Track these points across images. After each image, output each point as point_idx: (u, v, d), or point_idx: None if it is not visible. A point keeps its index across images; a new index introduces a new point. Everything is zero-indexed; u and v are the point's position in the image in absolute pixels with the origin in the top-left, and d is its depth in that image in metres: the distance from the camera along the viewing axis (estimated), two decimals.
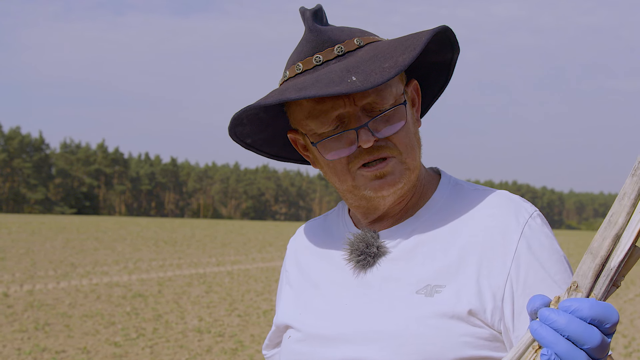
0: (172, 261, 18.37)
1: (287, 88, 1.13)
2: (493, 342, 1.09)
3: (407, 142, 1.15)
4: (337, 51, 1.12)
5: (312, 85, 1.07)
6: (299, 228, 1.45)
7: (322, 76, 1.08)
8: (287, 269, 1.40)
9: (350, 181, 1.17)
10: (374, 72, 1.05)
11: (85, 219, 56.20)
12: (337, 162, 1.16)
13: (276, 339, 1.39)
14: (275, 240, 30.52)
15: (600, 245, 0.87)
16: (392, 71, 1.03)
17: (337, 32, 1.15)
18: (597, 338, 0.83)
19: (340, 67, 1.09)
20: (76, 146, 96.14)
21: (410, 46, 1.08)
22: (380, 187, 1.15)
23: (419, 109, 1.24)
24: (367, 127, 1.11)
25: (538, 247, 1.11)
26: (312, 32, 1.14)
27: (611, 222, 0.87)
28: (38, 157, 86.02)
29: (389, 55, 1.07)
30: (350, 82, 1.03)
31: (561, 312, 0.84)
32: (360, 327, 1.15)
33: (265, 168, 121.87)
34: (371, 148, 1.13)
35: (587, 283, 0.86)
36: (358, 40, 1.14)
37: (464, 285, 1.10)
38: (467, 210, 1.19)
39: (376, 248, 1.20)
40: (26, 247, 20.70)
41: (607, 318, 0.84)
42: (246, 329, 9.04)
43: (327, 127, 1.14)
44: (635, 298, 13.82)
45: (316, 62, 1.13)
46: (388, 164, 1.14)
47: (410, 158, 1.16)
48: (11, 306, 10.07)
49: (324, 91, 1.03)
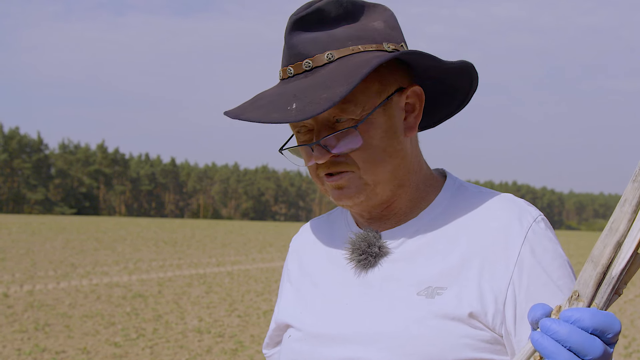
0: (172, 261, 18.37)
1: (260, 98, 1.16)
2: (494, 345, 1.09)
3: (367, 158, 1.13)
4: (305, 66, 1.13)
5: (265, 106, 1.11)
6: (302, 226, 1.45)
7: (276, 97, 1.12)
8: (288, 267, 1.40)
9: (320, 184, 1.20)
10: (312, 102, 1.05)
11: (85, 219, 56.20)
12: (309, 166, 1.19)
13: (276, 338, 1.38)
14: (275, 241, 30.48)
15: (601, 253, 0.85)
16: (325, 105, 1.04)
17: (310, 45, 1.13)
18: (599, 349, 0.82)
19: (293, 89, 1.11)
20: (75, 146, 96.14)
21: (353, 76, 1.06)
22: (339, 197, 1.17)
23: (418, 116, 1.21)
24: (319, 145, 1.13)
25: (541, 252, 1.10)
26: (286, 44, 1.16)
27: (612, 229, 0.86)
28: (37, 157, 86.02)
29: (335, 83, 1.07)
30: (289, 111, 1.06)
31: (562, 322, 0.83)
32: (360, 327, 1.15)
33: (265, 168, 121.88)
34: (330, 162, 1.15)
35: (588, 292, 0.85)
36: (329, 54, 1.12)
37: (466, 287, 1.10)
38: (470, 213, 1.18)
39: (378, 248, 1.19)
40: (26, 248, 20.70)
41: (609, 328, 0.83)
42: (246, 330, 9.04)
43: (298, 130, 1.18)
44: (636, 299, 13.82)
45: (289, 74, 1.15)
46: (343, 177, 1.15)
47: (370, 174, 1.14)
48: (11, 306, 10.07)
49: (265, 118, 1.08)
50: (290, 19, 1.15)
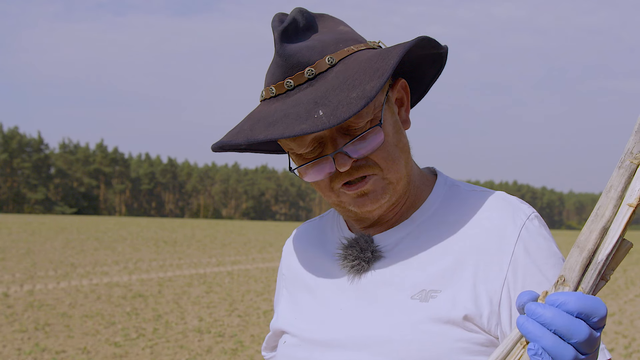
0: (172, 261, 18.37)
1: (259, 120, 1.10)
2: (489, 348, 1.07)
3: (387, 156, 1.12)
4: (307, 75, 1.08)
5: (280, 121, 1.05)
6: (294, 230, 1.44)
7: (291, 110, 1.06)
8: (283, 272, 1.39)
9: (334, 198, 1.16)
10: (341, 104, 1.01)
11: (85, 219, 56.20)
12: (320, 181, 1.15)
13: (273, 343, 1.38)
14: (275, 241, 30.49)
15: (587, 239, 0.86)
16: (360, 103, 1.00)
17: (307, 52, 1.09)
18: (584, 332, 0.82)
19: (309, 97, 1.06)
20: (75, 146, 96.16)
21: (380, 69, 1.04)
22: (363, 204, 1.14)
23: (408, 108, 1.21)
24: (342, 152, 1.09)
25: (535, 250, 1.09)
26: (281, 56, 1.10)
27: (598, 215, 0.86)
28: (37, 157, 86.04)
29: (358, 82, 1.04)
30: (317, 118, 1.01)
31: (547, 306, 0.83)
32: (354, 332, 1.14)
33: (265, 168, 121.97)
34: (351, 168, 1.11)
35: (574, 277, 0.85)
36: (330, 58, 1.09)
37: (460, 290, 1.09)
38: (463, 213, 1.17)
39: (370, 253, 1.18)
40: (26, 247, 20.69)
41: (595, 311, 0.83)
42: (246, 329, 9.04)
43: (306, 149, 1.12)
44: (635, 299, 13.81)
45: (287, 87, 1.10)
46: (368, 182, 1.12)
47: (393, 172, 1.13)
48: (11, 306, 10.07)
49: (290, 131, 1.02)
50: (276, 32, 1.12)
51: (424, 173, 1.27)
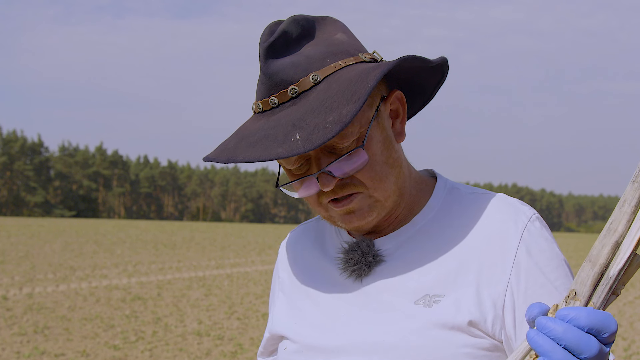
0: (172, 264, 18.36)
1: (242, 138, 1.10)
2: (494, 352, 1.07)
3: (374, 176, 1.10)
4: (290, 93, 1.08)
5: (260, 142, 1.05)
6: (290, 231, 1.42)
7: (270, 131, 1.06)
8: (279, 275, 1.36)
9: (324, 212, 1.16)
10: (317, 128, 1.00)
11: (84, 222, 56.19)
12: (308, 197, 1.15)
13: (270, 347, 1.36)
14: (274, 243, 30.48)
15: (599, 253, 0.85)
16: (335, 128, 0.99)
17: (292, 70, 1.08)
18: (594, 347, 0.82)
19: (289, 119, 1.05)
20: (74, 149, 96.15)
21: (357, 93, 1.03)
22: (350, 220, 1.13)
23: (404, 120, 1.19)
24: (325, 172, 1.08)
25: (538, 252, 1.09)
26: (265, 74, 1.10)
27: (611, 230, 0.86)
28: (37, 160, 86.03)
29: (335, 104, 1.02)
30: (294, 142, 1.01)
31: (558, 320, 0.83)
32: (358, 338, 1.12)
33: (265, 171, 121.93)
34: (336, 187, 1.10)
35: (585, 291, 0.85)
36: (314, 76, 1.07)
37: (464, 294, 1.08)
38: (464, 216, 1.16)
39: (372, 257, 1.17)
40: (25, 250, 20.68)
41: (605, 327, 0.83)
42: (245, 332, 9.03)
43: (292, 165, 1.12)
44: (635, 301, 13.82)
45: (272, 104, 1.10)
46: (353, 200, 1.11)
47: (380, 190, 1.12)
48: (10, 309, 10.05)
49: (267, 155, 1.02)
50: (261, 48, 1.10)
51: (422, 177, 1.25)
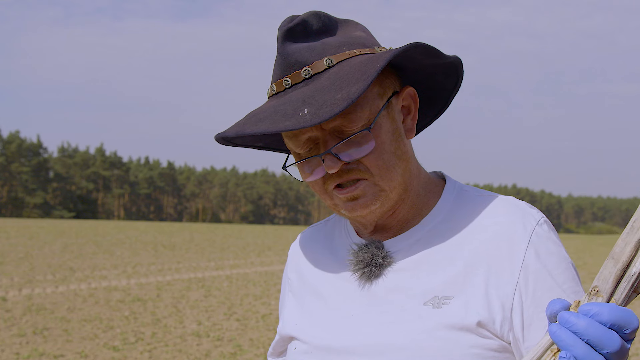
0: (171, 265, 18.35)
1: (253, 115, 1.13)
2: (502, 353, 1.07)
3: (381, 163, 1.11)
4: (304, 74, 1.10)
5: (269, 117, 1.07)
6: (300, 233, 1.43)
7: (280, 107, 1.08)
8: (289, 277, 1.37)
9: (329, 200, 1.16)
10: (326, 104, 1.02)
11: (83, 223, 56.18)
12: (313, 182, 1.15)
13: (280, 349, 1.37)
14: (274, 245, 30.45)
15: (622, 251, 0.87)
16: (343, 104, 1.01)
17: (307, 52, 1.11)
18: (616, 343, 0.83)
19: (299, 96, 1.07)
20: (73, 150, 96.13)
21: (367, 72, 1.05)
22: (353, 208, 1.14)
23: (415, 117, 1.20)
24: (331, 153, 1.09)
25: (546, 255, 1.09)
26: (281, 55, 1.12)
27: (634, 228, 0.87)
28: (36, 161, 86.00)
29: (345, 83, 1.05)
30: (302, 116, 1.02)
31: (581, 315, 0.84)
32: (368, 339, 1.13)
33: (264, 172, 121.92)
34: (341, 171, 1.11)
35: (608, 288, 0.86)
36: (328, 60, 1.10)
37: (473, 296, 1.08)
38: (473, 218, 1.16)
39: (382, 258, 1.17)
40: (25, 252, 20.67)
41: (627, 323, 0.84)
42: (245, 333, 9.02)
43: (301, 149, 1.13)
44: (636, 300, 13.82)
45: (285, 85, 1.11)
46: (358, 187, 1.12)
47: (385, 179, 1.12)
48: (10, 310, 10.04)
49: (274, 127, 1.03)
50: (280, 30, 1.12)
51: (432, 178, 1.26)
